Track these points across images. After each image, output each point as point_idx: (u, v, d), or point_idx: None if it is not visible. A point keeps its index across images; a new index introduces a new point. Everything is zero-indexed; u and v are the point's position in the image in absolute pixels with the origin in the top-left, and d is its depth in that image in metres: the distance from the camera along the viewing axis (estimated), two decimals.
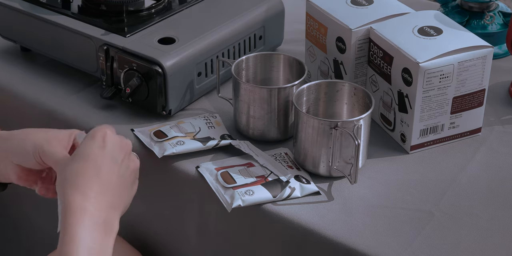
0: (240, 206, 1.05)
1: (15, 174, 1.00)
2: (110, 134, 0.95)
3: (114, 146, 0.94)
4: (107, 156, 0.93)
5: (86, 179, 0.91)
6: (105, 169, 0.92)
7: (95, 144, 0.93)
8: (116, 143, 0.94)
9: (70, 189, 0.90)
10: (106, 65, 1.23)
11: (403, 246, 1.00)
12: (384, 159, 1.15)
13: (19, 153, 0.98)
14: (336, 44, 1.21)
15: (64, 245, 0.86)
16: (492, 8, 1.37)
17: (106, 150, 0.93)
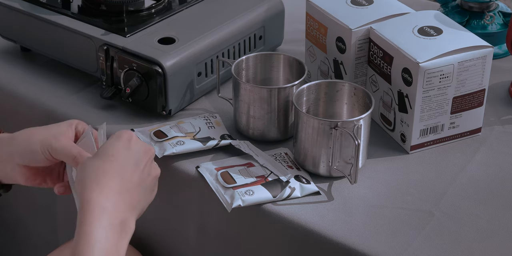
0: (240, 206, 1.05)
1: (23, 176, 1.00)
2: (136, 137, 0.95)
3: (139, 149, 0.94)
4: (132, 157, 0.93)
5: (108, 177, 0.90)
6: (128, 170, 0.92)
7: (120, 144, 0.93)
8: (141, 147, 0.94)
9: (90, 186, 0.89)
10: (106, 65, 1.23)
11: (403, 246, 1.00)
12: (384, 159, 1.15)
13: (26, 153, 0.98)
14: (336, 44, 1.21)
15: (79, 244, 0.85)
16: (492, 8, 1.37)
17: (131, 152, 0.93)
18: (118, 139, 0.93)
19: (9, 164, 1.00)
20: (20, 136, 1.00)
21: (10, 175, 1.01)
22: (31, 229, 1.45)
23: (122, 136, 0.94)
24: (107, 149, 0.93)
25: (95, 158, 0.92)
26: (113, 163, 0.91)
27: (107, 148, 0.93)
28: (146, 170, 0.94)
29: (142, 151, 0.94)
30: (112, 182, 0.90)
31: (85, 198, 0.88)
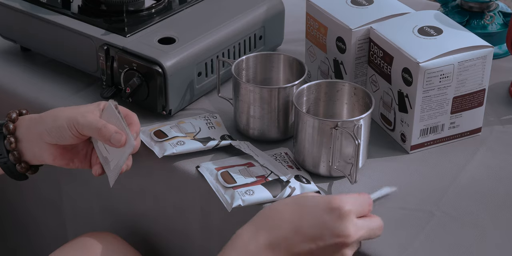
0: (240, 206, 1.05)
1: (51, 155, 1.03)
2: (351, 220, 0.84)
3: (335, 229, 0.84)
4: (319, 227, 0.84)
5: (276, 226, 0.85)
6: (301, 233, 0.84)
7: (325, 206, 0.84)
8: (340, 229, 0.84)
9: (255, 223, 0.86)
10: (106, 65, 1.23)
11: (403, 246, 1.00)
12: (384, 159, 1.15)
13: (54, 131, 1.01)
14: (336, 44, 1.21)
15: None
16: (492, 8, 1.37)
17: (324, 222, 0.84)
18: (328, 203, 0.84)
19: (38, 143, 1.03)
20: (47, 115, 1.03)
21: (38, 155, 1.04)
22: (40, 223, 1.46)
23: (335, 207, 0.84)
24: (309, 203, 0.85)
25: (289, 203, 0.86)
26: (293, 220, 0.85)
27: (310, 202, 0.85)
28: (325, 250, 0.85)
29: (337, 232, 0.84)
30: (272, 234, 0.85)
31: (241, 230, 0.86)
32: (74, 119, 1.01)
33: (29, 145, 1.04)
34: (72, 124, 1.00)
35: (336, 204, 0.84)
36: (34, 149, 1.04)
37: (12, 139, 1.04)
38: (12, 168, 1.06)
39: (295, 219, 0.84)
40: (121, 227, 1.28)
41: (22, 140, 1.05)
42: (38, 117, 1.04)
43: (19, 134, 1.05)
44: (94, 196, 1.30)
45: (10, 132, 1.04)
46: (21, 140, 1.05)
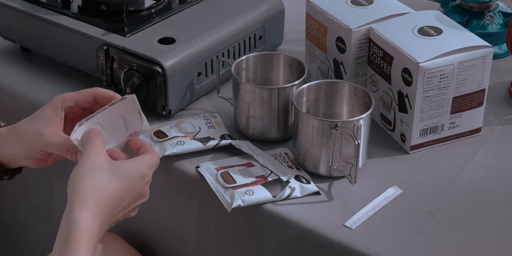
0: (240, 206, 1.05)
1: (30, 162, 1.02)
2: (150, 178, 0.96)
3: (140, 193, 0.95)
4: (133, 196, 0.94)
5: (108, 204, 0.91)
6: (122, 204, 0.93)
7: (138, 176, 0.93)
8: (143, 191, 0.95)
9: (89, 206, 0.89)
10: (106, 65, 1.23)
11: (403, 246, 1.00)
12: (384, 159, 1.15)
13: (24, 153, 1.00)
14: (336, 44, 1.21)
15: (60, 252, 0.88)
16: (492, 8, 1.37)
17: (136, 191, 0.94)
18: (139, 173, 0.94)
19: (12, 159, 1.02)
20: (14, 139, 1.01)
21: (19, 163, 1.03)
22: (29, 229, 1.45)
23: (145, 175, 0.94)
24: (126, 175, 0.93)
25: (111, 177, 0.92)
26: (118, 195, 0.92)
27: (127, 174, 0.93)
28: (131, 210, 0.95)
29: (141, 195, 0.95)
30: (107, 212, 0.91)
31: (78, 216, 0.89)
32: (36, 144, 0.98)
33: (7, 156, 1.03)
34: (37, 148, 0.99)
35: (145, 172, 0.94)
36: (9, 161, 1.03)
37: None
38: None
39: (118, 194, 0.92)
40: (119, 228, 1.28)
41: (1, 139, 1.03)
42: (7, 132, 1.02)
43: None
44: None
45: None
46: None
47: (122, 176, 0.92)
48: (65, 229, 0.89)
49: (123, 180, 0.92)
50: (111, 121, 0.97)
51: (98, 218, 0.90)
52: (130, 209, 0.95)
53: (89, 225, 0.89)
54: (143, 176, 0.94)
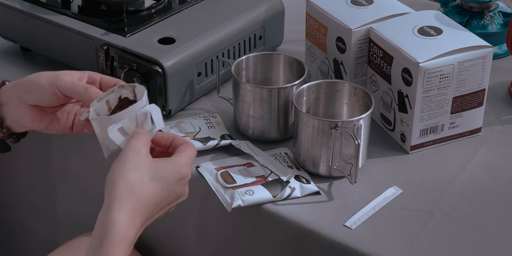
0: (240, 206, 1.05)
1: (29, 117, 1.00)
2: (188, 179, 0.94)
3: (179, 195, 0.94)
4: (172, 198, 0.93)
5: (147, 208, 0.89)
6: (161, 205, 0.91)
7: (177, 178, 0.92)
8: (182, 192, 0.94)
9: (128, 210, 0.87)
10: (106, 65, 1.23)
11: (403, 246, 1.00)
12: (384, 159, 1.15)
13: (33, 90, 0.98)
14: (336, 44, 1.21)
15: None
16: (492, 8, 1.37)
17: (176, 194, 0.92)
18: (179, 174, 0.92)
19: (17, 105, 1.00)
20: (27, 78, 1.00)
21: (17, 118, 1.01)
22: (29, 230, 1.45)
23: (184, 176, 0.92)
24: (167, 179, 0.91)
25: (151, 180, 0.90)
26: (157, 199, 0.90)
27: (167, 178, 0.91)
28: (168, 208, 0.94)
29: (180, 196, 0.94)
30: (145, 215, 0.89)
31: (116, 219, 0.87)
32: (54, 78, 0.97)
33: (9, 108, 1.01)
34: (52, 83, 0.97)
35: (185, 174, 0.92)
36: (14, 112, 1.01)
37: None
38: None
39: (158, 198, 0.90)
40: None
41: (3, 104, 1.02)
42: (20, 80, 1.01)
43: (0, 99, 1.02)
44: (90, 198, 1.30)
45: None
46: (2, 104, 1.02)
47: (162, 180, 0.90)
48: (101, 231, 0.86)
49: (163, 183, 0.90)
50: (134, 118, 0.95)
51: (136, 223, 0.88)
52: (168, 209, 0.94)
53: (126, 231, 0.86)
54: (183, 177, 0.92)
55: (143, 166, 0.90)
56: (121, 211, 0.87)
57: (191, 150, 0.94)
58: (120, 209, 0.87)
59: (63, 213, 1.36)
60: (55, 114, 1.03)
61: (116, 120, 0.93)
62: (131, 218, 0.87)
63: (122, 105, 0.96)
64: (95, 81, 1.01)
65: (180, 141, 0.96)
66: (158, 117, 0.95)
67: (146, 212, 0.89)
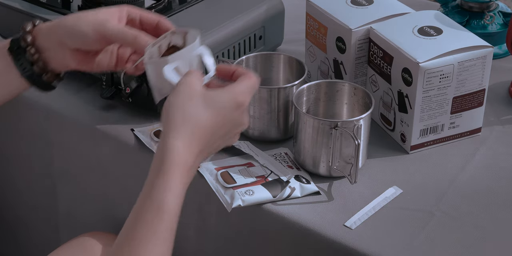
0: (240, 206, 1.05)
1: (74, 60, 1.00)
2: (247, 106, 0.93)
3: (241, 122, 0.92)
4: (230, 125, 0.92)
5: (203, 135, 0.89)
6: (219, 133, 0.91)
7: (233, 105, 0.91)
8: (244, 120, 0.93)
9: (176, 131, 0.88)
10: None
11: (403, 246, 1.00)
12: (384, 159, 1.15)
13: (76, 36, 0.97)
14: (336, 44, 1.21)
15: (157, 191, 0.86)
16: (492, 8, 1.37)
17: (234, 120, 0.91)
18: (235, 102, 0.90)
19: (60, 50, 0.99)
20: (67, 20, 0.98)
21: (62, 62, 1.00)
22: (31, 228, 1.45)
23: (241, 104, 0.91)
24: (222, 106, 0.90)
25: (205, 108, 0.90)
26: (214, 125, 0.90)
27: (222, 105, 0.90)
28: (229, 139, 0.94)
29: (239, 124, 0.93)
30: (202, 142, 0.89)
31: (172, 145, 0.87)
32: (100, 26, 0.96)
33: (51, 53, 1.00)
34: (98, 31, 0.96)
35: (241, 101, 0.91)
36: (57, 56, 1.00)
37: (33, 50, 1.00)
38: (38, 80, 1.01)
39: (214, 125, 0.90)
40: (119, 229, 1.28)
41: (44, 50, 1.00)
42: (56, 23, 0.99)
43: (39, 44, 1.00)
44: (91, 198, 1.30)
45: (29, 43, 1.00)
46: (43, 49, 1.00)
47: (217, 106, 0.90)
48: (159, 159, 0.87)
49: (218, 110, 0.90)
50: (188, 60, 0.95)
51: (192, 148, 0.88)
52: (229, 137, 0.93)
53: (183, 155, 0.87)
54: (239, 105, 0.91)
55: (197, 95, 0.90)
56: (177, 138, 0.87)
57: (249, 78, 0.93)
58: (175, 136, 0.88)
59: (64, 212, 1.36)
60: (99, 54, 1.02)
61: (171, 61, 0.93)
62: (187, 144, 0.88)
63: (172, 52, 0.96)
64: (135, 19, 1.00)
65: (241, 72, 0.95)
66: (210, 60, 0.96)
67: (203, 138, 0.89)
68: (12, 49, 0.99)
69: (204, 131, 0.89)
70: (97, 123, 1.22)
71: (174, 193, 0.87)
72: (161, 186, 0.86)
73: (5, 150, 1.40)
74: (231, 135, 0.93)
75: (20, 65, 0.99)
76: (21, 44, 1.00)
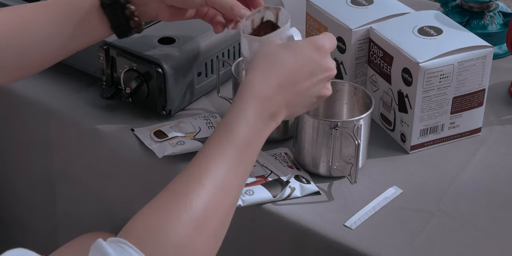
0: (240, 206, 1.05)
1: (167, 14, 1.08)
2: (329, 53, 0.97)
3: (323, 64, 0.96)
4: (312, 67, 0.95)
5: (279, 71, 0.93)
6: (301, 75, 0.94)
7: (313, 51, 0.95)
8: (326, 63, 0.96)
9: (259, 69, 0.93)
10: (106, 65, 1.23)
11: (403, 246, 1.00)
12: (384, 159, 1.15)
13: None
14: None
15: (228, 116, 0.90)
16: (492, 8, 1.37)
17: (315, 62, 0.95)
18: (314, 45, 0.95)
19: (157, 5, 1.07)
20: None
21: (154, 15, 1.08)
22: (29, 230, 1.45)
23: (320, 47, 0.96)
24: (299, 47, 0.95)
25: (282, 48, 0.95)
26: (292, 62, 0.94)
27: (300, 46, 0.95)
28: (317, 84, 0.96)
29: (325, 67, 0.96)
30: (281, 76, 0.93)
31: (249, 78, 0.92)
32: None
33: (146, 8, 1.07)
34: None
35: (320, 44, 0.96)
36: (151, 10, 1.07)
37: (132, 7, 1.05)
38: (126, 31, 1.08)
39: (292, 61, 0.94)
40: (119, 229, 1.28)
41: (139, 5, 1.06)
42: None
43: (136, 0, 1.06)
44: (91, 198, 1.30)
45: (128, 0, 1.05)
46: (138, 4, 1.06)
47: (295, 47, 0.95)
48: (237, 94, 0.92)
49: (295, 49, 0.94)
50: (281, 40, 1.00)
51: (270, 80, 0.91)
52: (317, 81, 0.96)
53: (259, 85, 0.91)
54: (318, 48, 0.95)
55: (275, 43, 0.96)
56: (254, 73, 0.92)
57: (326, 34, 0.99)
58: (253, 72, 0.93)
59: (63, 213, 1.36)
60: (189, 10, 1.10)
61: (264, 41, 0.99)
62: (264, 76, 0.92)
63: (266, 26, 1.03)
64: None
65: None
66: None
67: (282, 72, 0.92)
68: (105, 5, 1.05)
69: (281, 66, 0.93)
70: (97, 123, 1.22)
71: (248, 122, 0.90)
72: (234, 114, 0.90)
73: (4, 150, 1.40)
74: (319, 79, 0.96)
75: (115, 19, 1.06)
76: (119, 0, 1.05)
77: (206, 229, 0.84)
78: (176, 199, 0.84)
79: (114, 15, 1.05)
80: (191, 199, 0.83)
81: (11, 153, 1.40)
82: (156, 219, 0.82)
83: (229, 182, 0.87)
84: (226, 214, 0.87)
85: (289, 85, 0.93)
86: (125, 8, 1.05)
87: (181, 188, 0.85)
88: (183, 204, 0.83)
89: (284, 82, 0.93)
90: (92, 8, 1.04)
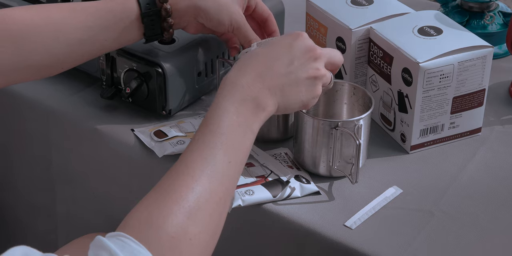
0: (240, 206, 1.05)
1: (194, 29, 1.14)
2: (305, 37, 0.99)
3: (300, 47, 0.97)
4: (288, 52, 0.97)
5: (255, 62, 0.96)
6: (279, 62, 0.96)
7: (285, 39, 0.98)
8: (303, 45, 0.98)
9: (235, 67, 0.96)
10: (106, 65, 1.23)
11: (403, 246, 1.00)
12: (384, 159, 1.15)
13: (214, 22, 1.11)
14: (336, 44, 1.21)
15: (208, 113, 0.92)
16: (492, 8, 1.37)
17: (290, 48, 0.97)
18: (289, 34, 0.99)
19: (189, 23, 1.12)
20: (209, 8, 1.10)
21: (181, 25, 1.13)
22: (29, 230, 1.45)
23: (296, 34, 0.99)
24: (275, 40, 1.00)
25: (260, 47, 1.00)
26: (269, 52, 0.97)
27: (276, 39, 1.01)
28: (302, 66, 0.97)
29: (304, 48, 0.97)
30: (258, 66, 0.95)
31: (227, 75, 0.95)
32: (236, 21, 1.11)
33: (180, 21, 1.12)
34: (232, 25, 1.11)
35: (296, 32, 0.99)
36: (182, 23, 1.12)
37: (171, 20, 1.10)
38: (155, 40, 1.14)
39: (268, 52, 0.97)
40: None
41: (175, 17, 1.11)
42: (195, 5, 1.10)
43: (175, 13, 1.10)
44: (91, 198, 1.30)
45: (169, 14, 1.10)
46: (175, 17, 1.11)
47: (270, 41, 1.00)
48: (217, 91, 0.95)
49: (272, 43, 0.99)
50: None
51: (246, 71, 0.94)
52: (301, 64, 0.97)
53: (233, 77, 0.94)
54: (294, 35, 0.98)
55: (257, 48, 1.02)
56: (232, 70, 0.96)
57: None
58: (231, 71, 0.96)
59: (63, 213, 1.36)
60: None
61: None
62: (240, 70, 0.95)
63: None
64: (251, 6, 1.17)
65: None
66: None
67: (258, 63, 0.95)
68: (145, 15, 1.08)
69: (257, 57, 0.96)
70: (97, 123, 1.22)
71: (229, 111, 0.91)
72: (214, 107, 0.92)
73: (4, 150, 1.40)
74: (300, 60, 0.97)
75: (151, 29, 1.10)
76: (161, 13, 1.09)
77: (200, 219, 0.84)
78: (168, 193, 0.86)
79: (151, 26, 1.10)
80: (180, 192, 0.85)
81: (11, 153, 1.40)
82: (149, 213, 0.84)
83: (217, 171, 0.88)
84: (220, 203, 0.87)
85: (268, 72, 0.95)
86: (164, 20, 1.10)
87: (171, 182, 0.87)
88: (174, 197, 0.85)
89: (262, 70, 0.95)
90: (130, 16, 1.08)
